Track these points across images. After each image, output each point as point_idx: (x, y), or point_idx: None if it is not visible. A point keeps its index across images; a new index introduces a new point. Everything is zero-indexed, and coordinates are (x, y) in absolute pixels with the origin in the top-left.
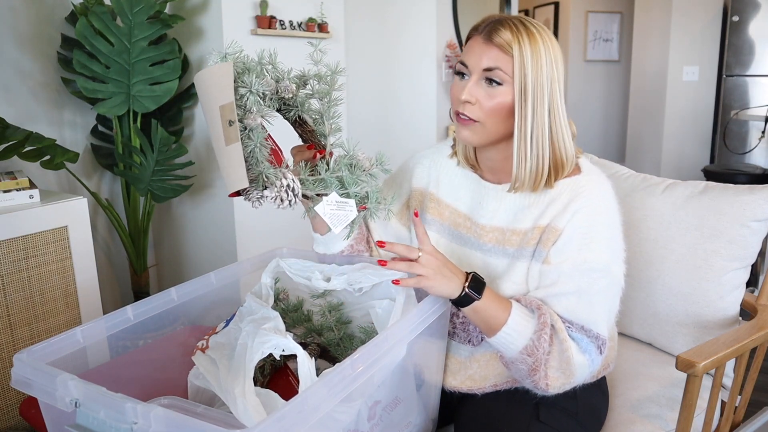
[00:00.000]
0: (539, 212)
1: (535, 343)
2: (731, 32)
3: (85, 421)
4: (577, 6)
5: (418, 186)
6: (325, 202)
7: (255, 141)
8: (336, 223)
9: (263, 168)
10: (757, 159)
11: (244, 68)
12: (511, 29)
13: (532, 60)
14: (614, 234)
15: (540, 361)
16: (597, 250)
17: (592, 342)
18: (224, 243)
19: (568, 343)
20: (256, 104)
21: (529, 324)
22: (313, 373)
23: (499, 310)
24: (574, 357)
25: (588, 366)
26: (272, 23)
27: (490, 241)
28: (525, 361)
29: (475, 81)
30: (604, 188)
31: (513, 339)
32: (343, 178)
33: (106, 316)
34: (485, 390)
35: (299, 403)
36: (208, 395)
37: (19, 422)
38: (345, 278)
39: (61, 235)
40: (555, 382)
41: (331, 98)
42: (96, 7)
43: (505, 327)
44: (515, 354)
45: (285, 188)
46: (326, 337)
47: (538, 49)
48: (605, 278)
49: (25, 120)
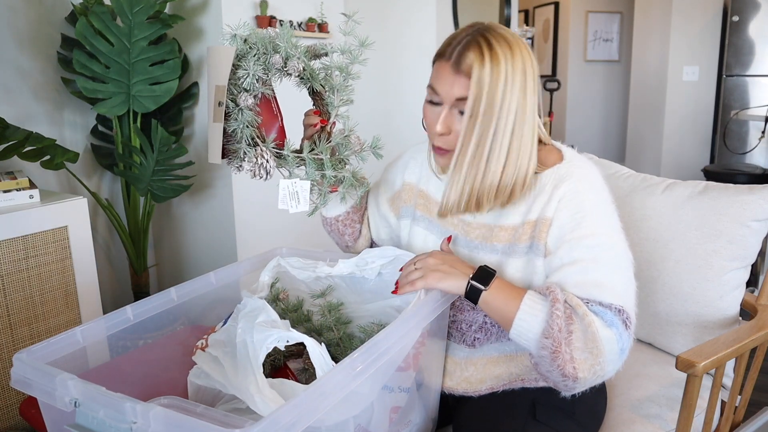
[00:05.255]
0: (526, 207)
1: (550, 323)
2: (731, 32)
3: (85, 421)
4: (577, 6)
5: (410, 180)
6: (282, 184)
7: (240, 121)
8: (283, 204)
9: (243, 146)
10: (757, 159)
11: (249, 48)
12: (477, 54)
13: (490, 89)
14: (606, 210)
15: (559, 341)
16: (592, 226)
17: (615, 315)
18: (224, 243)
19: (589, 317)
20: (251, 86)
21: (543, 306)
22: (327, 358)
23: (511, 298)
24: (599, 332)
25: (616, 341)
26: (272, 23)
27: (476, 238)
28: (545, 346)
29: (447, 110)
30: (585, 171)
31: (529, 325)
32: (324, 161)
33: (106, 316)
34: (481, 392)
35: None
36: (208, 395)
37: (19, 422)
38: (353, 261)
39: (61, 235)
40: (583, 365)
41: (348, 72)
42: (96, 7)
43: (519, 313)
44: (536, 342)
45: (259, 166)
46: (326, 337)
47: (499, 76)
48: (609, 250)
49: (25, 120)
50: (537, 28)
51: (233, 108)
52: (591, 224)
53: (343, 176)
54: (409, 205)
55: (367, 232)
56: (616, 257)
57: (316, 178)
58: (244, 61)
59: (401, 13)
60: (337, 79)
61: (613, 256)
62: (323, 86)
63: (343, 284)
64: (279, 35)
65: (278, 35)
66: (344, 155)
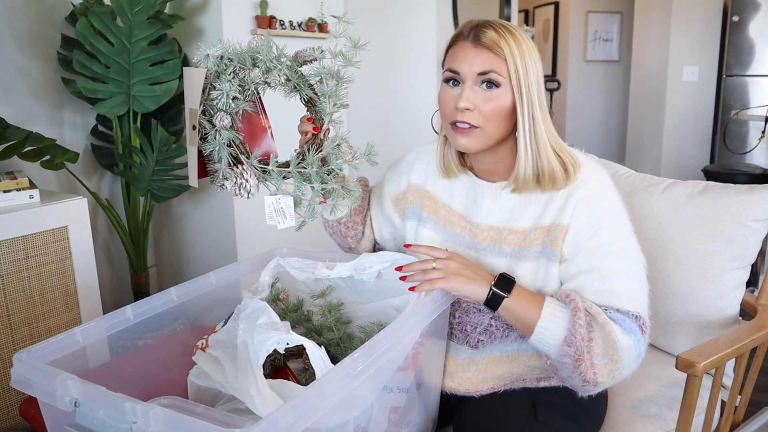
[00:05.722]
0: (539, 211)
1: (572, 331)
2: (731, 32)
3: (85, 421)
4: (577, 6)
5: (416, 181)
6: (266, 201)
7: (217, 142)
8: (270, 219)
9: (222, 167)
10: (757, 159)
11: (225, 66)
12: (495, 30)
13: (521, 59)
14: (620, 216)
15: (582, 349)
16: (608, 234)
17: (633, 322)
18: (224, 243)
19: (610, 326)
20: (226, 105)
21: (564, 314)
22: (326, 360)
23: (532, 305)
24: (619, 339)
25: (635, 347)
26: (272, 23)
27: (485, 240)
28: (568, 354)
29: (469, 86)
30: (599, 176)
31: (551, 332)
32: (311, 175)
33: (106, 316)
34: (482, 392)
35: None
36: (208, 395)
37: (19, 422)
38: (351, 264)
39: (61, 235)
40: (602, 370)
41: (341, 77)
42: (96, 7)
43: (540, 321)
44: (557, 348)
45: (239, 186)
46: (326, 337)
47: (523, 49)
48: (625, 258)
49: (25, 120)
50: (537, 28)
51: (210, 129)
52: (607, 232)
53: (332, 188)
54: (415, 206)
55: (370, 233)
56: (632, 264)
57: (303, 192)
58: (219, 80)
59: (401, 13)
60: (329, 85)
61: (629, 264)
62: (315, 93)
63: (343, 284)
64: (259, 46)
65: (258, 46)
66: (335, 165)
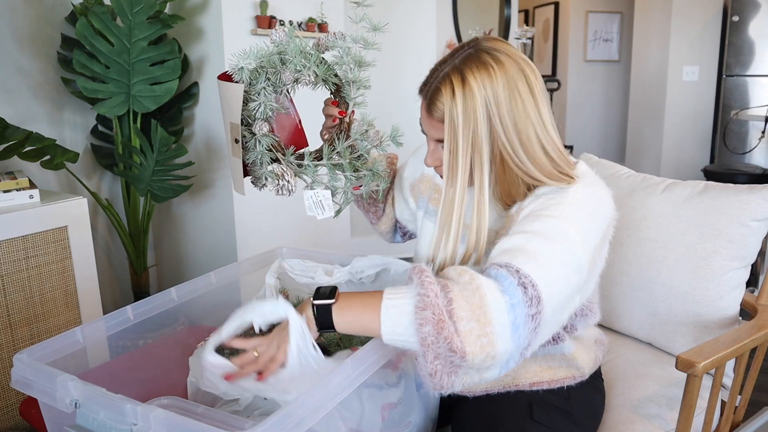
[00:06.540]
0: None
1: (422, 292)
2: (731, 32)
3: (85, 422)
4: (577, 6)
5: (428, 172)
6: (306, 194)
7: (258, 150)
8: (311, 211)
9: (265, 170)
10: (757, 159)
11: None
12: (447, 89)
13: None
14: (589, 219)
15: (440, 309)
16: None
17: (518, 285)
18: (224, 243)
19: (478, 281)
20: (265, 114)
21: (409, 288)
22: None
23: (368, 297)
24: (488, 296)
25: (507, 310)
26: (272, 23)
27: None
28: (425, 319)
29: (432, 148)
30: (591, 190)
31: (399, 309)
32: (343, 165)
33: (106, 316)
34: (476, 394)
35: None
36: (208, 395)
37: (19, 422)
38: (347, 269)
39: (61, 235)
40: (468, 337)
41: (362, 62)
42: (96, 7)
43: (384, 302)
44: (413, 323)
45: (281, 187)
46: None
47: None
48: (564, 242)
49: (25, 120)
50: (537, 28)
51: (250, 138)
52: (562, 212)
53: (362, 175)
54: (423, 197)
55: (391, 211)
56: (565, 252)
57: (337, 183)
58: (254, 89)
59: (401, 13)
60: (352, 71)
61: (562, 250)
62: (340, 80)
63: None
64: (286, 47)
65: (283, 44)
66: (364, 150)
